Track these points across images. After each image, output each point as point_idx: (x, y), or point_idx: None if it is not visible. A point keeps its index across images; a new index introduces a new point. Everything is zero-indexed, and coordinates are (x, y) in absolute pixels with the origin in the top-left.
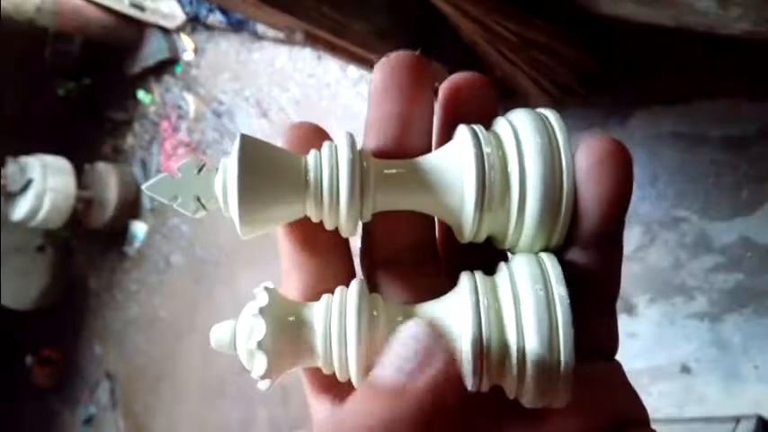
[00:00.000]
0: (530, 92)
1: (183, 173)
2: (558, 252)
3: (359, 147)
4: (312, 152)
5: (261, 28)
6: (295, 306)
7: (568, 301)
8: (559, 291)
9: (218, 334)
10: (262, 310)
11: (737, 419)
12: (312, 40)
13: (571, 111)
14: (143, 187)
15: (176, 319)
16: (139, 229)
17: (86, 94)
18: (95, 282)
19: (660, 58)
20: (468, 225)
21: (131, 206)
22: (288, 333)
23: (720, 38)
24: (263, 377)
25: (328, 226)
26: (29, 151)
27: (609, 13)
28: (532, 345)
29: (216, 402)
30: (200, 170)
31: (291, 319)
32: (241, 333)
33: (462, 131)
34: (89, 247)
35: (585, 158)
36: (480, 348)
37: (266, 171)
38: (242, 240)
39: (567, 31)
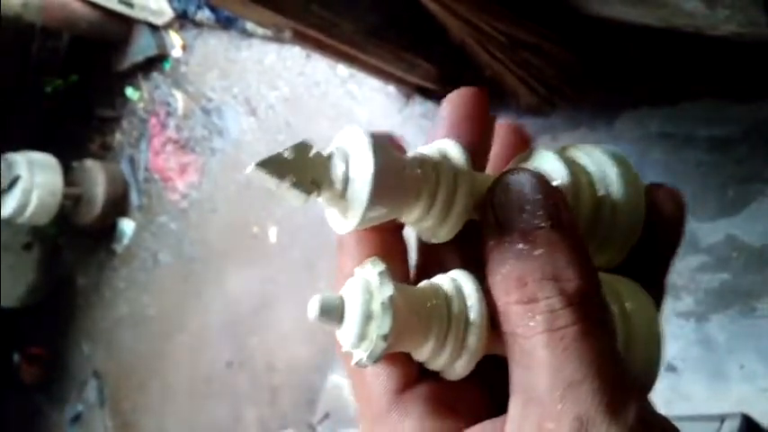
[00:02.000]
0: (518, 91)
1: (296, 153)
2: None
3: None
4: (428, 160)
5: (250, 25)
6: (417, 296)
7: None
8: None
9: (326, 305)
10: (391, 300)
11: (723, 418)
12: (300, 39)
13: (559, 111)
14: (254, 164)
15: (164, 317)
16: (127, 226)
17: (74, 90)
18: (83, 279)
19: (648, 59)
20: None
21: (119, 203)
22: (412, 326)
23: (707, 39)
24: (373, 362)
25: (424, 230)
26: (15, 148)
27: (598, 13)
28: None
29: (204, 401)
30: (310, 152)
31: (420, 312)
32: (355, 315)
33: (547, 156)
34: (77, 245)
35: (668, 204)
36: None
37: (393, 183)
38: (230, 239)
39: (555, 32)
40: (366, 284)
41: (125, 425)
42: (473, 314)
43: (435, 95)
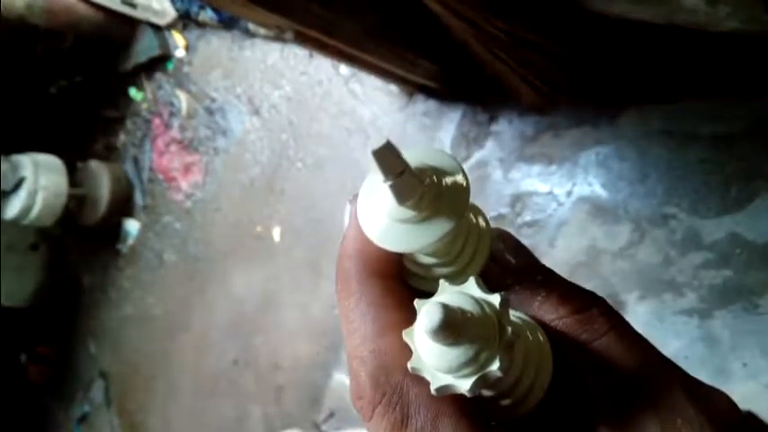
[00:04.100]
0: (520, 90)
1: (408, 157)
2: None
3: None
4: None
5: (252, 25)
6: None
7: None
8: None
9: (450, 318)
10: (506, 343)
11: None
12: (302, 39)
13: (561, 109)
14: (377, 148)
15: (170, 316)
16: (132, 226)
17: (78, 91)
18: (89, 280)
19: (650, 56)
20: None
21: (124, 204)
22: (517, 361)
23: (709, 36)
24: (471, 393)
25: (453, 270)
26: (21, 149)
27: (599, 11)
28: None
29: (210, 400)
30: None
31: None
32: (475, 338)
33: None
34: (82, 245)
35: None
36: None
37: (465, 219)
38: (234, 238)
39: (557, 30)
40: (481, 305)
41: (131, 424)
42: (544, 340)
43: (437, 94)
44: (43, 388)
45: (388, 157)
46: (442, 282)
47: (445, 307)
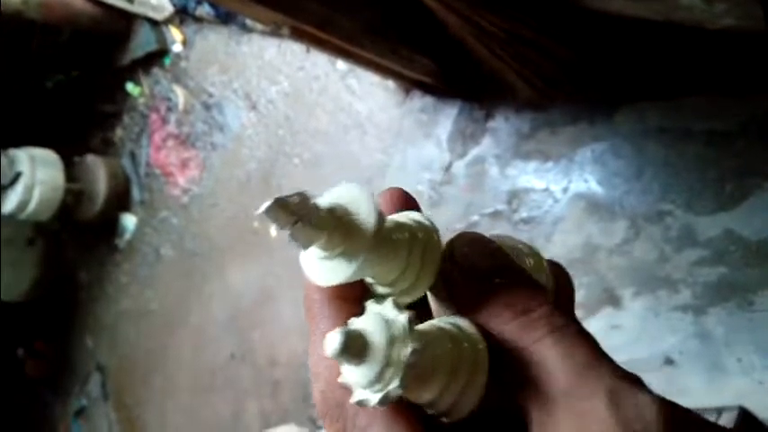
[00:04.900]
0: (517, 86)
1: (301, 200)
2: None
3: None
4: (405, 225)
5: (249, 20)
6: (434, 342)
7: None
8: None
9: (349, 342)
10: (417, 351)
11: (720, 411)
12: (298, 35)
13: (558, 105)
14: (269, 203)
15: (167, 311)
16: (129, 221)
17: (75, 86)
18: (86, 274)
19: (646, 53)
20: None
21: (121, 198)
22: (428, 373)
23: (706, 34)
24: (382, 405)
25: (398, 290)
26: (17, 144)
27: (596, 8)
28: None
29: (207, 395)
30: (312, 201)
31: (442, 338)
32: (379, 356)
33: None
34: (79, 240)
35: (560, 278)
36: None
37: (385, 236)
38: (231, 234)
39: (554, 27)
40: (389, 325)
41: (128, 418)
42: (480, 348)
43: (434, 90)
44: (40, 382)
45: (277, 214)
46: (368, 303)
47: (345, 333)
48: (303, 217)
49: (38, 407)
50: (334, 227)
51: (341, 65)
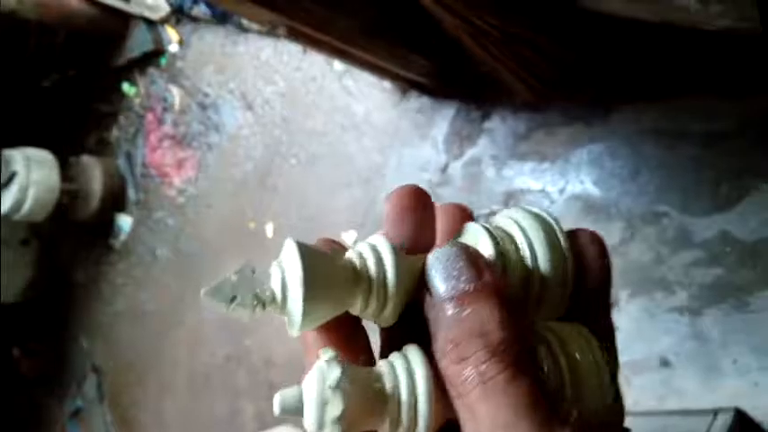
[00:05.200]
0: (513, 87)
1: (240, 275)
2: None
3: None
4: (356, 254)
5: (246, 21)
6: (365, 376)
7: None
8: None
9: (286, 401)
10: (338, 383)
11: (716, 412)
12: (294, 35)
13: (554, 106)
14: (202, 292)
15: (162, 312)
16: (125, 221)
17: (70, 86)
18: (81, 275)
19: (642, 54)
20: None
21: (116, 199)
22: (364, 406)
23: (702, 35)
24: None
25: (372, 317)
26: (12, 144)
27: (592, 8)
28: None
29: (203, 396)
30: (254, 272)
31: (368, 392)
32: (311, 402)
33: (476, 230)
34: (74, 240)
35: (590, 249)
36: None
37: (325, 281)
38: (227, 234)
39: (550, 27)
40: (320, 373)
41: (124, 419)
42: (420, 388)
43: (431, 91)
44: (36, 383)
45: (212, 299)
46: (321, 351)
47: (281, 396)
48: (240, 292)
49: (33, 407)
50: (270, 301)
51: (337, 65)
